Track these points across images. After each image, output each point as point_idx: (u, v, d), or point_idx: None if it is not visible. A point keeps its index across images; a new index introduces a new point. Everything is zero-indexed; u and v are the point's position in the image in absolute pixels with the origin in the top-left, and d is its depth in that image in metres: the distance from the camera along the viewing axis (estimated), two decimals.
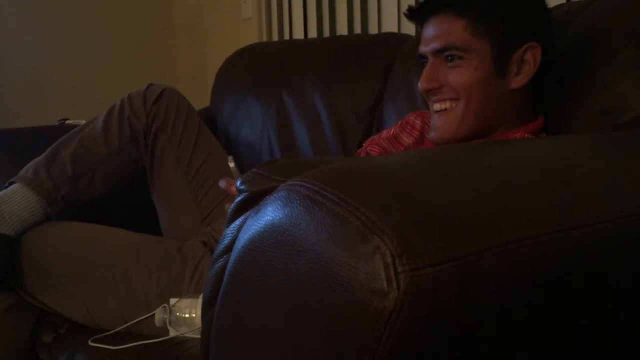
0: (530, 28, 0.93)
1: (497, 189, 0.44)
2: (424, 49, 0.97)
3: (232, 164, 0.92)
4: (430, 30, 0.95)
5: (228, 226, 0.56)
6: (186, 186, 1.23)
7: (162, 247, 1.08)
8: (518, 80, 0.92)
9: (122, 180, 1.23)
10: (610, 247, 0.42)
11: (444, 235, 0.37)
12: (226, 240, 0.55)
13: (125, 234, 1.11)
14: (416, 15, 1.00)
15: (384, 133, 1.16)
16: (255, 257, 0.45)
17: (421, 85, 0.96)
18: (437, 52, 0.94)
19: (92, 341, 0.95)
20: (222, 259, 0.55)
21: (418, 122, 1.12)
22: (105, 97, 1.44)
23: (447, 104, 0.95)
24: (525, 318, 0.38)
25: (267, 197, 0.46)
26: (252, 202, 0.52)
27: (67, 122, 1.58)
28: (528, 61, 0.92)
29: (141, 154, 1.22)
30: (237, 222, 0.54)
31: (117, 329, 0.98)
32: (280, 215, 0.42)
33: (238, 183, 0.56)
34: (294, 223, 0.41)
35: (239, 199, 0.55)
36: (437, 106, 0.97)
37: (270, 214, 0.44)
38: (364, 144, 1.17)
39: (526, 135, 0.92)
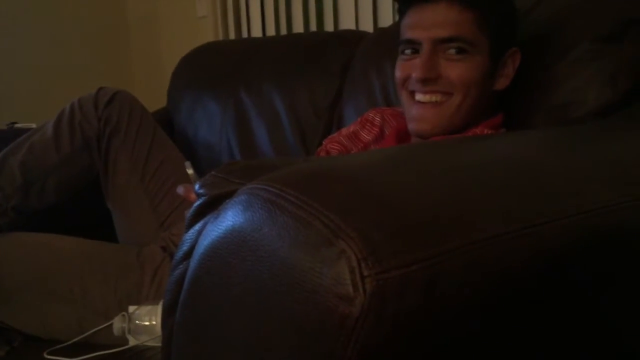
0: (515, 32, 0.93)
1: (461, 187, 0.43)
2: (421, 34, 0.89)
3: (190, 170, 0.90)
4: (429, 15, 0.88)
5: (187, 231, 0.54)
6: (142, 191, 1.20)
7: (119, 253, 1.05)
8: (501, 82, 0.92)
9: (75, 187, 1.19)
10: (575, 242, 0.42)
11: (409, 236, 0.36)
12: (185, 246, 0.53)
13: (80, 242, 1.07)
14: None
15: (344, 130, 1.15)
16: (215, 264, 0.44)
17: (419, 73, 0.88)
18: (441, 42, 0.88)
19: (48, 353, 0.91)
20: (181, 266, 0.53)
21: (377, 119, 1.11)
22: (55, 99, 1.39)
23: (438, 97, 0.89)
24: (494, 318, 0.38)
25: (227, 201, 0.45)
26: (211, 207, 0.50)
27: (15, 125, 1.52)
28: (508, 65, 0.92)
29: (94, 160, 1.19)
30: (197, 227, 0.53)
31: (74, 340, 0.95)
32: (241, 220, 0.41)
33: (197, 187, 0.54)
34: (256, 228, 0.40)
35: (197, 203, 0.53)
36: (424, 97, 0.90)
37: (230, 218, 0.42)
38: (323, 142, 1.16)
39: (486, 131, 0.93)
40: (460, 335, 0.36)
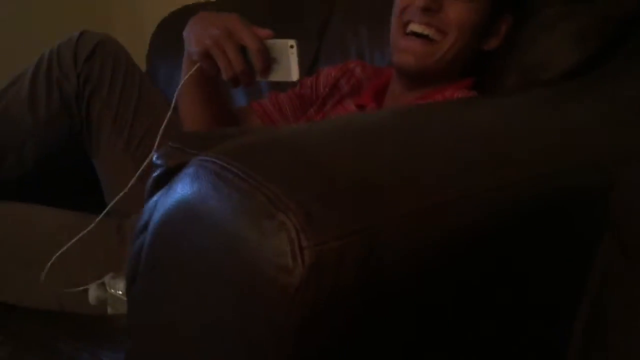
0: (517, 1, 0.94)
1: (411, 155, 0.44)
2: None
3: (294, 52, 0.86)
4: None
5: (147, 202, 0.54)
6: (129, 158, 1.13)
7: (99, 226, 1.03)
8: (490, 44, 0.95)
9: (55, 152, 1.12)
10: (520, 209, 0.43)
11: (349, 206, 0.37)
12: (145, 217, 0.53)
13: (60, 214, 1.05)
14: None
15: (325, 71, 1.13)
16: (167, 235, 0.44)
17: (422, 1, 0.89)
18: None
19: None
20: (141, 236, 0.54)
21: (358, 70, 1.10)
22: (29, 63, 1.35)
23: (432, 32, 0.91)
24: (435, 289, 0.39)
25: (178, 173, 0.45)
26: (167, 178, 0.51)
27: None
28: (501, 28, 0.94)
29: (75, 121, 1.09)
30: (155, 198, 0.53)
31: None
32: (189, 192, 0.41)
33: (154, 158, 0.54)
34: (202, 200, 0.40)
35: (155, 174, 0.53)
36: (419, 27, 0.91)
37: (180, 190, 0.43)
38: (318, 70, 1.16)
39: (456, 94, 0.93)
40: (400, 306, 0.37)
